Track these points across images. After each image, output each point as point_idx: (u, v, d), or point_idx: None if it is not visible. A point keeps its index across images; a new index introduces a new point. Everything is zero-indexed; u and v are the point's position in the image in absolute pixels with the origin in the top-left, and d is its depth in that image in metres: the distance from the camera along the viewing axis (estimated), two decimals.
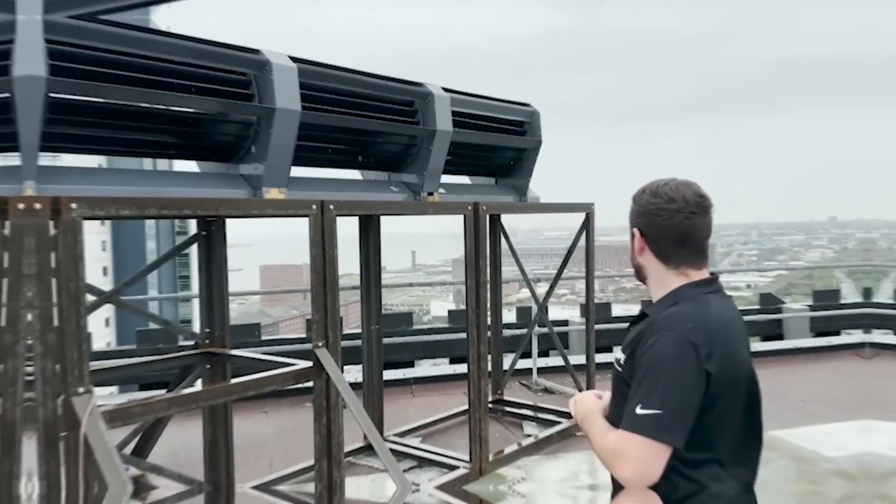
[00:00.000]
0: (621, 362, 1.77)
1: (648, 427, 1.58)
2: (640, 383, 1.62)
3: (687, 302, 1.72)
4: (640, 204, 1.80)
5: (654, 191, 1.77)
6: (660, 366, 1.61)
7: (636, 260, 1.85)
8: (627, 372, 1.71)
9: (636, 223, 1.82)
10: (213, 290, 4.00)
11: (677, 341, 1.61)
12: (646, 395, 1.60)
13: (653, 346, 1.63)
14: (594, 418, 1.82)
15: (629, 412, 1.62)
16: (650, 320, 1.73)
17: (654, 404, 1.58)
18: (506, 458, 4.77)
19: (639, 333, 1.72)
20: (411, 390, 6.70)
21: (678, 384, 1.59)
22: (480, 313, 4.41)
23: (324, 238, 3.45)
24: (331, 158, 4.31)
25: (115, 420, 2.69)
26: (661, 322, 1.68)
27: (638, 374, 1.64)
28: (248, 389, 3.25)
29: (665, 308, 1.73)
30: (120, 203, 2.72)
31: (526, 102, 5.31)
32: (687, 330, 1.63)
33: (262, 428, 5.70)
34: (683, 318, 1.66)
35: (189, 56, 3.27)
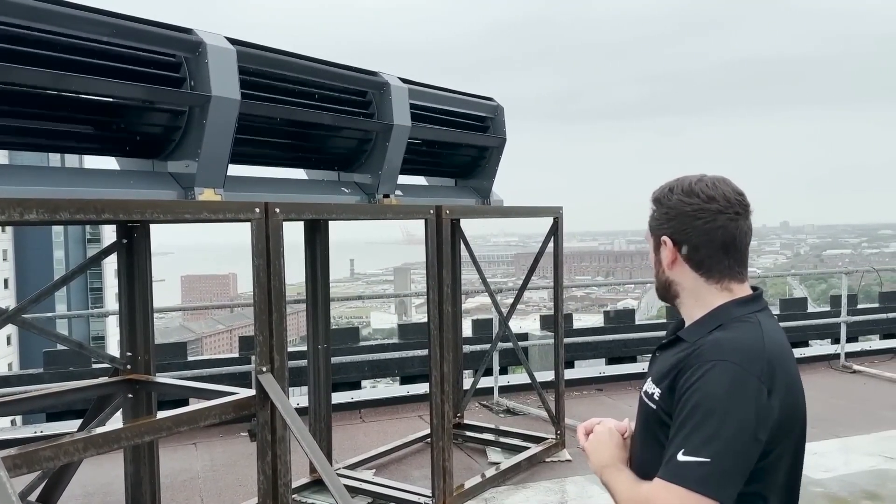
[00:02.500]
0: (655, 397, 1.55)
1: (693, 478, 1.36)
2: (683, 423, 1.42)
3: (736, 324, 1.52)
4: (670, 205, 1.58)
5: (686, 189, 1.56)
6: (711, 403, 1.39)
7: (665, 275, 1.63)
8: (664, 409, 1.51)
9: (665, 229, 1.60)
10: (135, 308, 3.69)
11: (733, 373, 1.41)
12: (690, 438, 1.39)
13: (702, 379, 1.42)
14: (617, 468, 1.62)
15: (670, 458, 1.41)
16: (692, 347, 1.52)
17: (701, 450, 1.37)
18: (470, 490, 4.58)
19: (678, 362, 1.51)
20: (360, 415, 6.45)
21: (733, 426, 1.38)
22: (443, 329, 4.20)
23: (269, 246, 3.19)
24: (274, 155, 4.07)
25: (20, 467, 2.39)
26: (711, 350, 1.46)
27: (681, 413, 1.43)
28: (180, 425, 2.97)
29: (707, 331, 1.53)
30: (26, 206, 2.42)
31: (489, 97, 5.16)
32: (745, 360, 1.43)
33: (191, 462, 5.35)
34: (738, 345, 1.46)
35: (107, 34, 2.99)
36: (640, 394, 1.63)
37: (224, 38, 3.40)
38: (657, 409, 1.54)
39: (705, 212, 1.54)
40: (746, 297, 1.60)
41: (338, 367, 7.18)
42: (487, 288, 5.74)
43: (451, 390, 5.75)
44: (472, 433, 5.77)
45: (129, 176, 3.38)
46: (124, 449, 3.73)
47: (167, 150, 3.36)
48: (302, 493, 4.63)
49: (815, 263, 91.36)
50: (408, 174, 4.84)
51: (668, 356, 1.59)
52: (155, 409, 3.78)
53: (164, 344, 8.56)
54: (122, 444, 2.82)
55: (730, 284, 1.58)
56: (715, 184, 1.56)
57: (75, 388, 3.66)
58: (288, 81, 3.72)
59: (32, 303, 3.47)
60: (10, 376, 7.38)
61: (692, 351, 1.51)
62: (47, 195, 2.79)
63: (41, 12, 2.77)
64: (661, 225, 1.61)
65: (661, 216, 1.61)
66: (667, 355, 1.61)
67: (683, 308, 1.64)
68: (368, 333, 50.23)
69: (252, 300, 3.22)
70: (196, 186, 3.30)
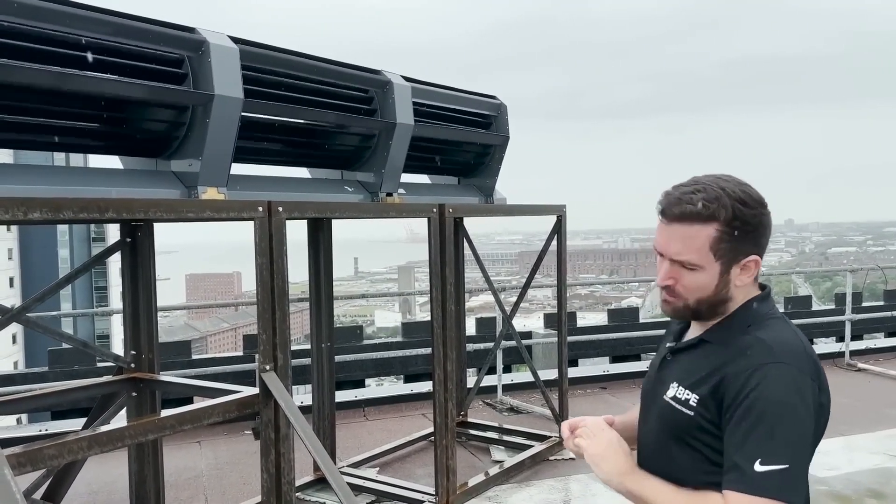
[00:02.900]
0: (691, 403, 1.48)
1: (777, 487, 1.33)
2: (750, 432, 1.37)
3: (768, 323, 1.50)
4: (750, 221, 1.46)
5: (756, 197, 1.48)
6: (777, 408, 1.37)
7: (729, 293, 1.52)
8: (705, 415, 1.46)
9: (753, 248, 1.49)
10: (139, 306, 3.69)
11: (791, 376, 1.40)
12: (764, 446, 1.35)
13: (761, 385, 1.38)
14: (642, 475, 1.53)
15: (742, 471, 1.36)
16: (731, 349, 1.47)
17: (779, 458, 1.34)
18: (474, 488, 4.58)
19: (719, 366, 1.46)
20: (364, 413, 6.45)
21: (801, 429, 1.37)
22: (447, 328, 4.20)
23: (272, 245, 3.19)
24: (277, 154, 4.07)
25: (24, 465, 2.40)
26: (760, 352, 1.43)
27: (743, 421, 1.38)
28: (183, 423, 2.97)
29: (740, 332, 1.49)
30: (30, 205, 2.43)
31: (492, 95, 5.15)
32: (797, 360, 1.42)
33: (195, 461, 5.36)
34: (786, 346, 1.44)
35: (111, 32, 2.99)
36: (665, 399, 1.56)
37: (227, 36, 3.40)
38: (695, 416, 1.48)
39: (770, 217, 1.52)
40: (764, 294, 1.57)
41: (342, 365, 7.19)
42: (491, 286, 5.73)
43: (455, 389, 5.76)
44: (475, 431, 5.77)
45: (133, 175, 3.39)
46: (128, 447, 3.74)
47: (170, 149, 3.36)
48: (306, 491, 4.64)
49: (820, 261, 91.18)
50: (411, 172, 4.84)
51: (696, 359, 1.55)
52: (159, 408, 3.79)
53: (169, 342, 8.58)
54: (125, 443, 2.83)
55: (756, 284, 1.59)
56: (749, 185, 1.51)
57: (79, 386, 3.67)
58: (291, 80, 3.72)
59: (36, 301, 3.48)
60: (15, 375, 7.40)
61: (733, 354, 1.46)
62: (51, 194, 2.80)
63: (45, 11, 2.77)
64: (741, 245, 1.48)
65: (744, 236, 1.47)
66: (692, 358, 1.56)
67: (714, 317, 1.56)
68: (373, 332, 50.30)
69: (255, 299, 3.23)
70: (199, 185, 3.30)
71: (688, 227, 1.47)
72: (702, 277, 1.50)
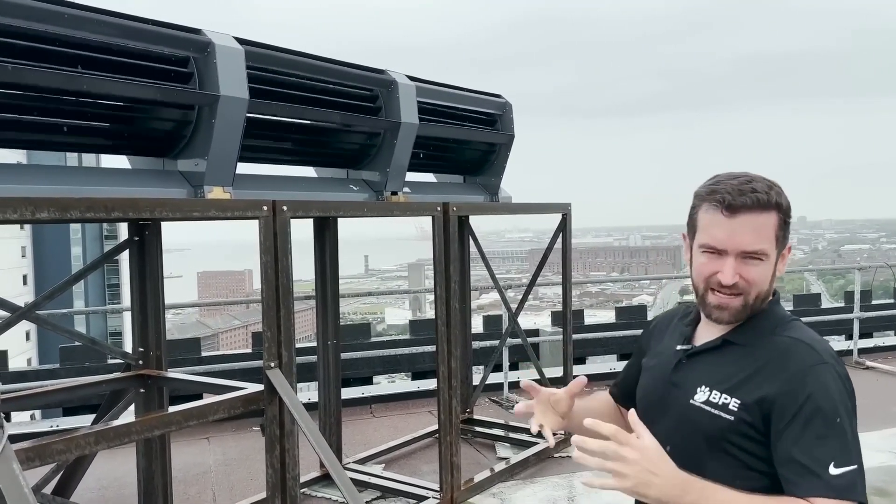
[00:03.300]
0: (731, 407, 1.45)
1: (854, 488, 1.32)
2: (820, 435, 1.35)
3: (792, 324, 1.52)
4: (789, 209, 1.50)
5: (780, 189, 1.50)
6: (836, 410, 1.37)
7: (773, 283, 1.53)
8: (749, 421, 1.43)
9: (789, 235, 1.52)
10: (147, 304, 3.75)
11: (836, 374, 1.41)
12: (835, 449, 1.35)
13: (818, 387, 1.38)
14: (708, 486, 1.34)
15: (818, 475, 1.33)
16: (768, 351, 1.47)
17: (850, 459, 1.34)
18: (479, 485, 4.61)
19: (759, 369, 1.45)
20: (371, 410, 6.50)
21: (855, 426, 1.39)
22: (451, 325, 4.24)
23: (276, 243, 3.24)
24: (283, 153, 4.11)
25: (32, 460, 2.45)
26: (804, 353, 1.43)
27: (809, 424, 1.36)
28: (189, 419, 3.02)
29: (767, 333, 1.50)
30: (37, 204, 2.48)
31: (497, 93, 5.18)
32: (836, 359, 1.44)
33: (204, 457, 5.43)
34: (823, 346, 1.46)
35: (118, 35, 3.03)
36: (695, 404, 1.50)
37: (232, 37, 3.44)
38: (736, 421, 1.44)
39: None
40: (777, 297, 1.57)
41: (350, 362, 7.23)
42: (496, 284, 5.76)
43: (460, 386, 5.80)
44: (481, 428, 5.81)
45: (141, 174, 3.44)
46: (137, 443, 3.80)
47: (177, 149, 3.41)
48: (312, 487, 4.69)
49: (833, 259, 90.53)
50: (417, 171, 4.88)
51: (725, 362, 1.51)
52: (166, 404, 3.84)
53: (179, 339, 8.65)
54: (132, 438, 2.88)
55: None
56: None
57: (88, 383, 3.72)
58: (296, 80, 3.76)
59: (46, 299, 3.54)
60: (27, 371, 7.48)
61: (773, 356, 1.46)
62: (62, 194, 2.84)
63: (53, 14, 2.82)
64: (788, 233, 1.52)
65: (789, 222, 1.52)
66: (718, 361, 1.52)
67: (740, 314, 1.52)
68: (383, 329, 50.37)
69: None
70: (205, 184, 3.34)
71: (757, 216, 1.45)
72: (765, 268, 1.48)
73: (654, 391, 1.63)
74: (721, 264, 1.48)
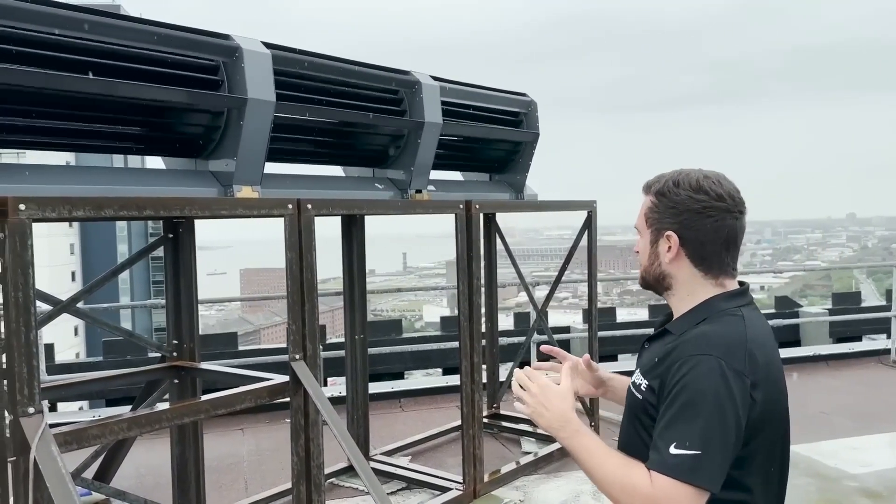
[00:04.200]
0: (641, 388, 1.62)
1: (687, 471, 1.43)
2: (673, 418, 1.48)
3: (721, 318, 1.58)
4: (677, 201, 1.61)
5: (694, 185, 1.60)
6: (698, 398, 1.46)
7: (661, 268, 1.67)
8: (649, 400, 1.59)
9: (670, 224, 1.63)
10: (181, 298, 3.92)
11: (718, 368, 1.47)
12: (681, 432, 1.45)
13: (688, 375, 1.48)
14: (581, 431, 1.59)
15: (660, 452, 1.47)
16: (677, 340, 1.58)
17: (694, 444, 1.44)
18: (502, 477, 4.71)
19: (665, 355, 1.57)
20: (400, 404, 6.63)
21: (720, 419, 1.45)
22: (474, 321, 4.33)
23: (301, 240, 3.37)
24: (309, 154, 4.24)
25: (70, 443, 2.61)
26: (696, 344, 1.53)
27: (670, 407, 1.49)
28: (217, 407, 3.17)
29: (694, 324, 1.59)
30: (73, 203, 2.64)
31: (522, 92, 5.25)
32: (728, 354, 1.50)
33: (237, 447, 5.62)
34: (722, 340, 1.52)
35: (151, 42, 3.19)
36: (629, 383, 1.71)
37: (260, 42, 3.58)
38: (643, 400, 1.61)
39: (714, 210, 1.59)
40: (733, 291, 1.66)
41: (381, 357, 7.38)
42: (522, 280, 5.84)
43: (488, 380, 5.89)
44: (507, 423, 5.89)
45: (175, 174, 3.61)
46: (171, 431, 3.97)
47: (208, 150, 3.56)
48: (340, 476, 4.84)
49: (884, 256, 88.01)
50: (443, 170, 4.98)
51: (656, 348, 1.66)
52: (199, 394, 4.01)
53: (217, 334, 8.91)
54: (163, 425, 3.05)
55: (724, 280, 1.65)
56: (720, 181, 1.62)
57: (126, 373, 3.92)
58: (321, 82, 3.89)
59: (86, 294, 3.73)
60: (72, 364, 7.83)
61: (677, 344, 1.57)
62: (100, 193, 3.01)
63: (91, 24, 2.98)
64: (664, 219, 1.64)
65: (666, 210, 1.64)
66: (654, 347, 1.68)
67: (673, 300, 1.70)
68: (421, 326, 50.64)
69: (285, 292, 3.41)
70: (235, 184, 3.49)
71: (643, 198, 1.72)
72: (643, 244, 1.71)
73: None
74: None
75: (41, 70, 2.74)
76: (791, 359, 7.81)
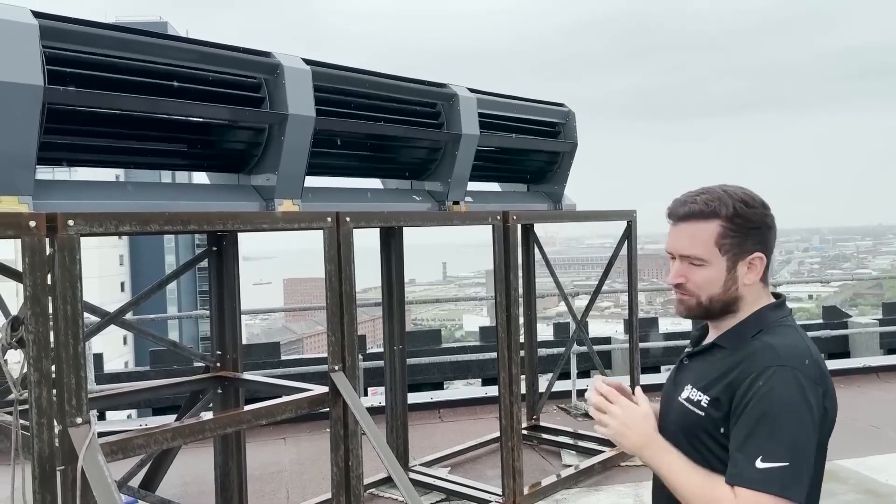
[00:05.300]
0: (702, 404, 1.58)
1: (777, 484, 1.42)
2: (754, 431, 1.47)
3: (778, 329, 1.59)
4: (754, 219, 1.59)
5: (759, 201, 1.60)
6: (778, 410, 1.46)
7: (738, 292, 1.61)
8: (714, 416, 1.55)
9: (755, 246, 1.59)
10: (224, 310, 3.99)
11: (794, 379, 1.48)
12: (765, 445, 1.45)
13: (765, 386, 1.48)
14: (664, 448, 1.60)
15: (742, 466, 1.46)
16: (741, 353, 1.57)
17: (781, 456, 1.43)
18: (542, 490, 4.67)
19: (729, 369, 1.56)
20: (439, 414, 6.63)
21: (803, 430, 1.46)
22: (512, 331, 4.32)
23: (340, 252, 3.40)
24: (348, 167, 4.29)
25: (116, 453, 2.67)
26: (767, 356, 1.52)
27: (748, 420, 1.48)
28: (259, 418, 3.22)
29: (749, 336, 1.59)
30: (121, 219, 2.72)
31: (560, 102, 5.23)
32: (801, 364, 1.50)
33: (279, 456, 5.68)
34: (791, 351, 1.53)
35: (196, 60, 3.27)
36: (679, 399, 1.66)
37: (300, 59, 3.64)
38: (706, 416, 1.57)
39: (773, 220, 1.64)
40: (777, 301, 1.66)
41: (420, 368, 7.39)
42: (561, 290, 5.80)
43: (527, 392, 5.86)
44: (547, 435, 5.84)
45: (219, 189, 3.68)
46: (214, 440, 4.04)
47: (250, 165, 3.63)
48: (381, 487, 4.85)
49: None
50: (480, 181, 4.99)
51: (709, 363, 1.64)
52: (242, 404, 4.07)
53: (260, 344, 9.04)
54: (206, 435, 3.09)
55: (767, 289, 1.67)
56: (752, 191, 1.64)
57: (171, 383, 3.99)
58: (360, 97, 3.93)
59: (133, 305, 3.82)
60: (120, 373, 8.01)
61: (743, 357, 1.56)
62: (147, 208, 3.09)
63: (140, 45, 3.07)
64: (746, 242, 1.59)
65: (747, 232, 1.59)
66: (705, 363, 1.65)
67: (727, 320, 1.65)
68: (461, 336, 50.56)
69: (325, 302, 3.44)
70: (276, 198, 3.55)
71: (693, 224, 1.61)
72: (710, 272, 1.60)
73: (665, 390, 1.78)
74: (672, 267, 1.67)
75: (93, 91, 2.84)
76: (840, 370, 7.60)
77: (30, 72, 2.59)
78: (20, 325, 2.52)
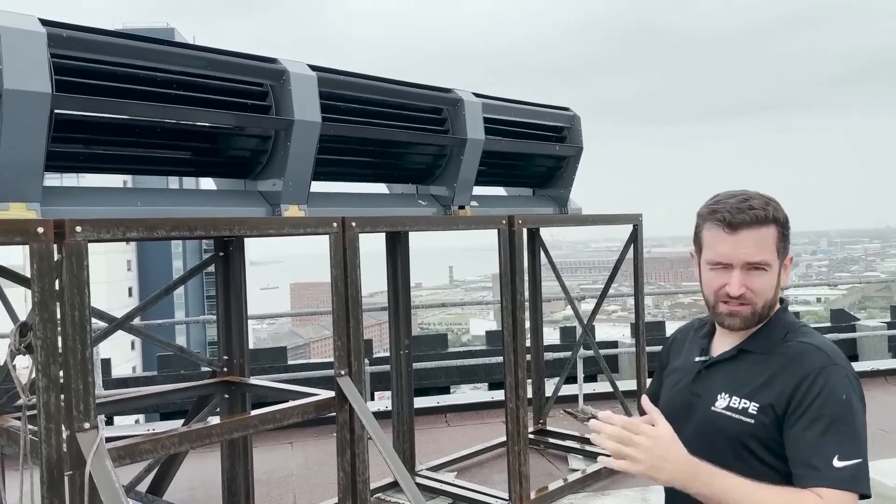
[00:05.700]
0: (750, 411, 1.56)
1: (858, 481, 1.43)
2: (825, 431, 1.46)
3: (802, 330, 1.63)
4: (788, 223, 1.63)
5: (780, 204, 1.64)
6: (844, 408, 1.48)
7: (778, 294, 1.65)
8: (765, 421, 1.54)
9: (787, 247, 1.64)
10: (231, 315, 4.00)
11: (846, 376, 1.52)
12: (840, 444, 1.45)
13: (827, 387, 1.50)
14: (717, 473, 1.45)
15: (819, 467, 1.44)
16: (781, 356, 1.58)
17: (854, 453, 1.45)
18: (549, 495, 4.66)
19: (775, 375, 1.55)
20: (446, 419, 6.62)
21: (863, 425, 1.50)
22: (518, 336, 4.32)
23: (345, 257, 3.41)
24: (354, 172, 4.30)
25: (124, 458, 2.68)
26: (816, 357, 1.55)
27: (815, 421, 1.48)
28: (266, 422, 3.23)
29: (779, 340, 1.61)
30: (127, 225, 2.73)
31: (565, 106, 5.23)
32: (845, 361, 1.55)
33: (286, 461, 5.69)
34: (832, 349, 1.57)
35: (202, 67, 3.29)
36: (716, 410, 1.61)
37: (306, 65, 3.65)
38: (756, 424, 1.55)
39: None
40: (785, 305, 1.68)
41: (427, 372, 7.39)
42: (567, 294, 5.79)
43: (534, 396, 5.85)
44: (554, 440, 5.83)
45: (225, 195, 3.70)
46: (221, 445, 4.05)
47: (256, 171, 3.65)
48: (387, 491, 4.85)
49: None
50: (486, 185, 4.99)
51: (742, 369, 1.62)
52: (249, 408, 4.08)
53: (267, 349, 9.05)
54: (213, 440, 3.11)
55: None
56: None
57: (178, 388, 4.01)
58: (365, 103, 3.95)
59: (140, 311, 3.84)
60: (128, 378, 8.04)
61: (787, 361, 1.57)
62: (153, 214, 3.11)
63: (146, 52, 3.09)
64: (787, 244, 1.63)
65: (788, 235, 1.63)
66: (736, 370, 1.63)
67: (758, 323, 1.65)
68: (468, 340, 50.50)
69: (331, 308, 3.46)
70: (282, 203, 3.56)
71: (757, 231, 1.58)
72: (769, 278, 1.60)
73: (677, 402, 1.72)
74: (728, 277, 1.60)
75: (100, 98, 2.86)
76: None
77: (38, 79, 2.61)
78: (28, 330, 2.53)
